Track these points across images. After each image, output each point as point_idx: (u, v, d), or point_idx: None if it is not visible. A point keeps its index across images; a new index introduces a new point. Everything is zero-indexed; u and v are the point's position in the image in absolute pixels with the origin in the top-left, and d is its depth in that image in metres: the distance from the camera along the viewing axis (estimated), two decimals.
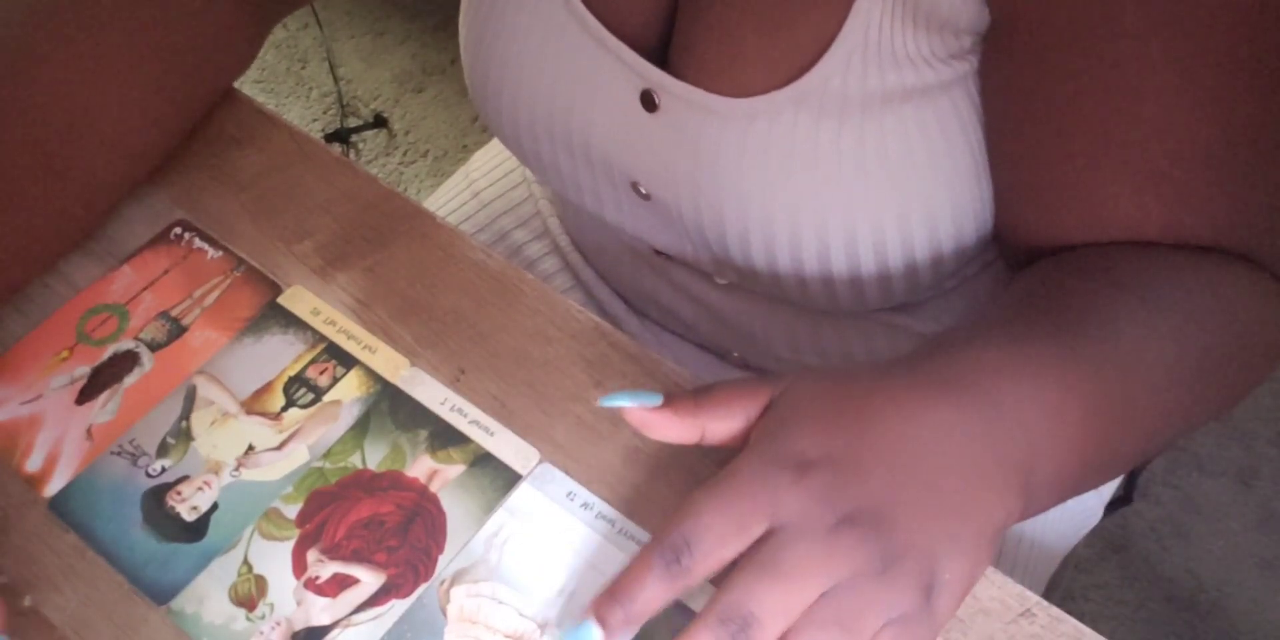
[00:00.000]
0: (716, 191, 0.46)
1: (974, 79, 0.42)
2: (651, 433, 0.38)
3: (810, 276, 0.48)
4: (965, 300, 0.57)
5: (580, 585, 0.40)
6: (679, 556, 0.33)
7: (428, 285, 0.47)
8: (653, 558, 0.33)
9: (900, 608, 0.32)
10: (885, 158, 0.43)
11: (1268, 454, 1.19)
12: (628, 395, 0.37)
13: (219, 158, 0.52)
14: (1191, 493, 1.18)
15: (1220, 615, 1.11)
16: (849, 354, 0.59)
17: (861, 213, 0.45)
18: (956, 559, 0.33)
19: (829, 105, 0.42)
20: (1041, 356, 0.36)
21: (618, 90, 0.47)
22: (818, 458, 0.33)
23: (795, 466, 0.33)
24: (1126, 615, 1.12)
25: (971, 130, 0.44)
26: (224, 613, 0.40)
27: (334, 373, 0.45)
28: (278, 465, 0.43)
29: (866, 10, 0.39)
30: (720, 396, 0.37)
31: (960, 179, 0.44)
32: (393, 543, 0.41)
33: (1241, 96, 0.37)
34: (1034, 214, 0.44)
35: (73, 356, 0.46)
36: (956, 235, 0.47)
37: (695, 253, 0.53)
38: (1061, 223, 0.42)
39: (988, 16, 0.39)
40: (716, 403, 0.37)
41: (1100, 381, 0.36)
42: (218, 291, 0.48)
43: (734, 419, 0.37)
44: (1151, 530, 1.16)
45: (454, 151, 1.52)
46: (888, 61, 0.40)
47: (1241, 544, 1.14)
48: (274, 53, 1.65)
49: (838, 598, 0.31)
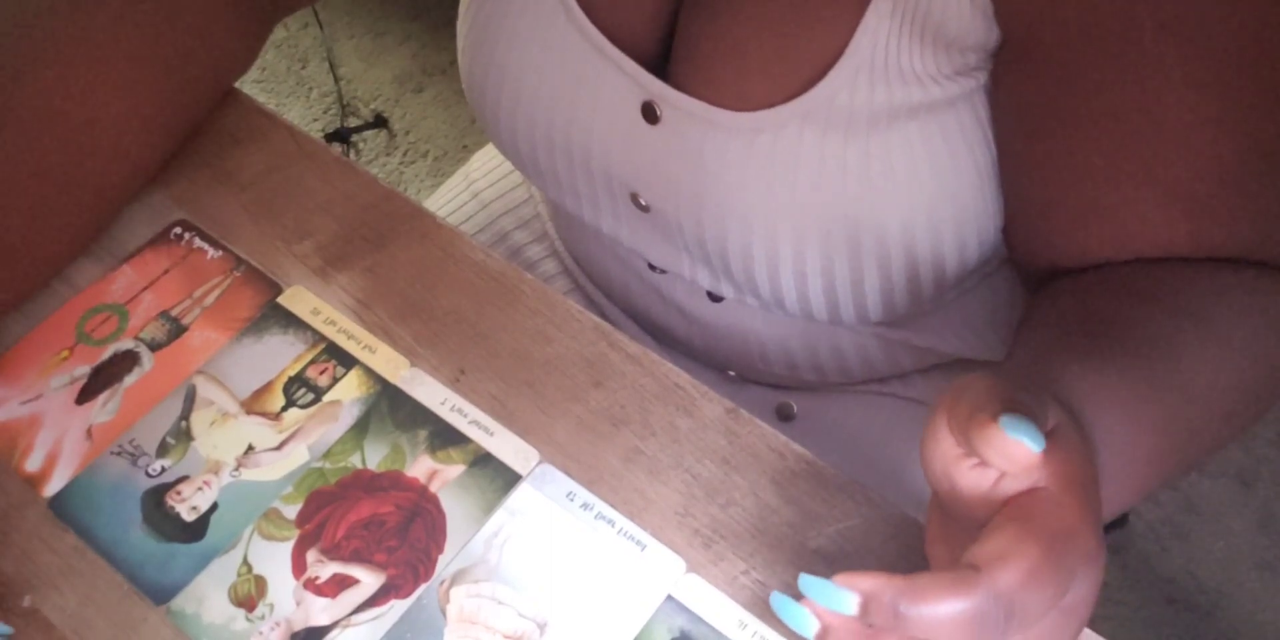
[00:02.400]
0: (718, 205, 0.46)
1: (980, 95, 0.42)
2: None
3: (813, 290, 0.48)
4: (962, 315, 0.57)
5: (580, 586, 0.40)
6: (1008, 618, 0.27)
7: (428, 285, 0.47)
8: (972, 601, 0.27)
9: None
10: (890, 173, 0.43)
11: (1268, 455, 1.19)
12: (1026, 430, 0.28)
13: (219, 157, 0.52)
14: (1191, 494, 1.18)
15: (1220, 616, 1.11)
16: (845, 368, 0.59)
17: (866, 227, 0.44)
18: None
19: (834, 121, 0.42)
20: (1124, 390, 0.35)
21: (618, 101, 0.46)
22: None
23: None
24: (1126, 616, 1.12)
25: (976, 145, 0.43)
26: (223, 613, 0.40)
27: (334, 373, 0.45)
28: (277, 465, 0.43)
29: (874, 28, 0.39)
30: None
31: (964, 194, 0.44)
32: (392, 543, 0.41)
33: (1260, 111, 0.37)
34: (1057, 231, 0.43)
35: (73, 356, 0.46)
36: (960, 249, 0.47)
37: (693, 266, 0.52)
38: (1087, 240, 0.42)
39: (997, 34, 0.39)
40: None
41: (1167, 415, 0.36)
42: (218, 291, 0.48)
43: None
44: (1151, 531, 1.16)
45: (454, 152, 1.52)
46: (894, 78, 0.40)
47: (1241, 545, 1.14)
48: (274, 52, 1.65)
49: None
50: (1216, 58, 0.35)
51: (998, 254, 0.50)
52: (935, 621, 0.27)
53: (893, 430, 0.60)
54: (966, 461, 0.30)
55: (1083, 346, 0.37)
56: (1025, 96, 0.40)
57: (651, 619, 0.39)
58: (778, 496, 0.41)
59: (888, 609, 0.27)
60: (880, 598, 0.27)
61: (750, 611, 0.39)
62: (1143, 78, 0.36)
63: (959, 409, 0.29)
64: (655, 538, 0.41)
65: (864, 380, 0.61)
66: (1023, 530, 0.28)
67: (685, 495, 0.41)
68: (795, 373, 0.59)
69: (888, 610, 0.27)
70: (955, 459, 0.30)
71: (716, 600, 0.39)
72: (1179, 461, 0.38)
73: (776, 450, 0.42)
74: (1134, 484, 0.36)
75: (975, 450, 0.28)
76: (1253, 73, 0.36)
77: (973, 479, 0.30)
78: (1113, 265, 0.42)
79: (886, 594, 0.27)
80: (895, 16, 0.39)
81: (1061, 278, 0.44)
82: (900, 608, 0.27)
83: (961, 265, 0.48)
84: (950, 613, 0.27)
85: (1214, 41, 0.35)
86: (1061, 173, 0.41)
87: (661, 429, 0.43)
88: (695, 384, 0.44)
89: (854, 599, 0.28)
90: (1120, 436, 0.34)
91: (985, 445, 0.28)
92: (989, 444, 0.27)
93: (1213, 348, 0.38)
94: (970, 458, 0.30)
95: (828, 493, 0.41)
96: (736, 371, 0.62)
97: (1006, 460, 0.28)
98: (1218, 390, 0.37)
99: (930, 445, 0.30)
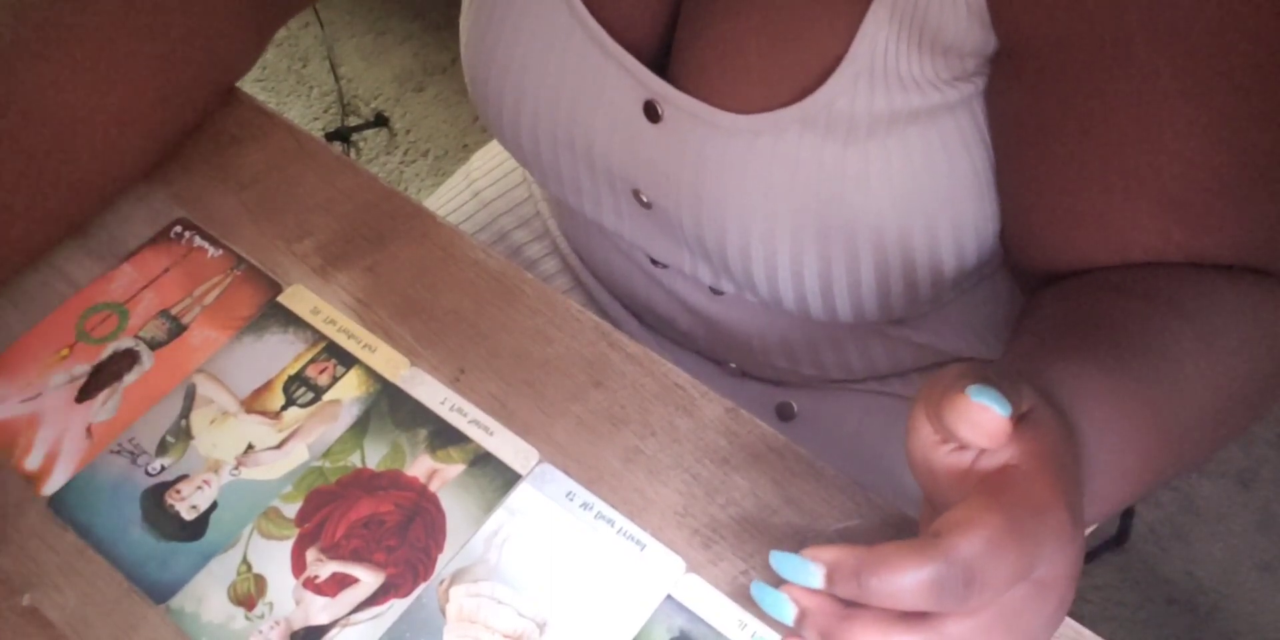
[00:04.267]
0: (718, 204, 0.46)
1: (978, 100, 0.42)
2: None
3: (810, 291, 0.48)
4: (962, 313, 0.57)
5: (580, 585, 0.40)
6: (966, 584, 0.27)
7: (428, 285, 0.47)
8: (931, 567, 0.27)
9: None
10: (889, 177, 0.43)
11: (1267, 456, 1.19)
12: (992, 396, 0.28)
13: (220, 156, 0.52)
14: (1191, 494, 1.18)
15: (1220, 617, 1.11)
16: (846, 364, 0.59)
17: (864, 231, 0.45)
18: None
19: (834, 126, 0.42)
20: (1114, 386, 0.35)
21: (620, 99, 0.46)
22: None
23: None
24: (1126, 617, 1.12)
25: (975, 149, 0.44)
26: (223, 612, 0.40)
27: (334, 372, 0.45)
28: (277, 464, 0.43)
29: (872, 34, 0.39)
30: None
31: (962, 197, 0.44)
32: (392, 542, 0.41)
33: (1253, 121, 0.37)
34: (1053, 237, 0.43)
35: (72, 354, 0.46)
36: (958, 252, 0.47)
37: (693, 262, 0.53)
38: (1082, 246, 0.42)
39: (994, 41, 0.39)
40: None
41: (1158, 410, 0.36)
42: (218, 290, 0.48)
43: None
44: (1151, 532, 1.16)
45: (454, 151, 1.52)
46: (893, 84, 0.40)
47: (1241, 546, 1.14)
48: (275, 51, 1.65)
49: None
50: (1209, 67, 0.35)
51: (996, 256, 0.50)
52: (896, 588, 0.27)
53: (893, 431, 0.60)
54: (944, 447, 0.30)
55: (1073, 344, 0.37)
56: (1020, 103, 0.41)
57: (651, 619, 0.39)
58: (778, 496, 0.41)
59: (851, 578, 0.28)
60: (844, 568, 0.29)
61: (750, 611, 0.39)
62: (1135, 87, 0.37)
63: (933, 393, 0.30)
64: (655, 537, 0.41)
65: (864, 377, 0.61)
66: (987, 500, 0.28)
67: (685, 495, 0.41)
68: (796, 367, 0.60)
69: (851, 579, 0.28)
70: (933, 445, 0.31)
71: (716, 600, 0.39)
72: (1173, 459, 0.38)
73: (776, 450, 0.42)
74: (1127, 479, 0.36)
75: (948, 427, 0.29)
76: (1245, 83, 0.36)
77: (950, 462, 0.30)
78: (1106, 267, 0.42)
79: (849, 563, 0.29)
80: (893, 23, 0.39)
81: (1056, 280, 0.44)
82: (863, 576, 0.28)
83: (959, 268, 0.48)
84: (910, 580, 0.27)
85: (1206, 51, 0.35)
86: (1055, 179, 0.41)
87: (661, 429, 0.43)
88: (695, 384, 0.44)
89: (819, 570, 0.30)
90: (1110, 430, 0.34)
91: (954, 416, 0.28)
92: (958, 415, 0.28)
93: (1203, 347, 0.38)
94: (947, 443, 0.30)
95: (827, 493, 0.41)
96: (737, 364, 0.63)
97: (976, 429, 0.28)
98: (1209, 389, 0.38)
99: (910, 435, 0.31)
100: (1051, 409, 0.31)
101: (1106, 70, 0.37)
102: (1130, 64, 0.36)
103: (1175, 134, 0.37)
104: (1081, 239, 0.42)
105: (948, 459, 0.30)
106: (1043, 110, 0.40)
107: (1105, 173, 0.39)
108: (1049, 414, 0.31)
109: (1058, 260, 0.44)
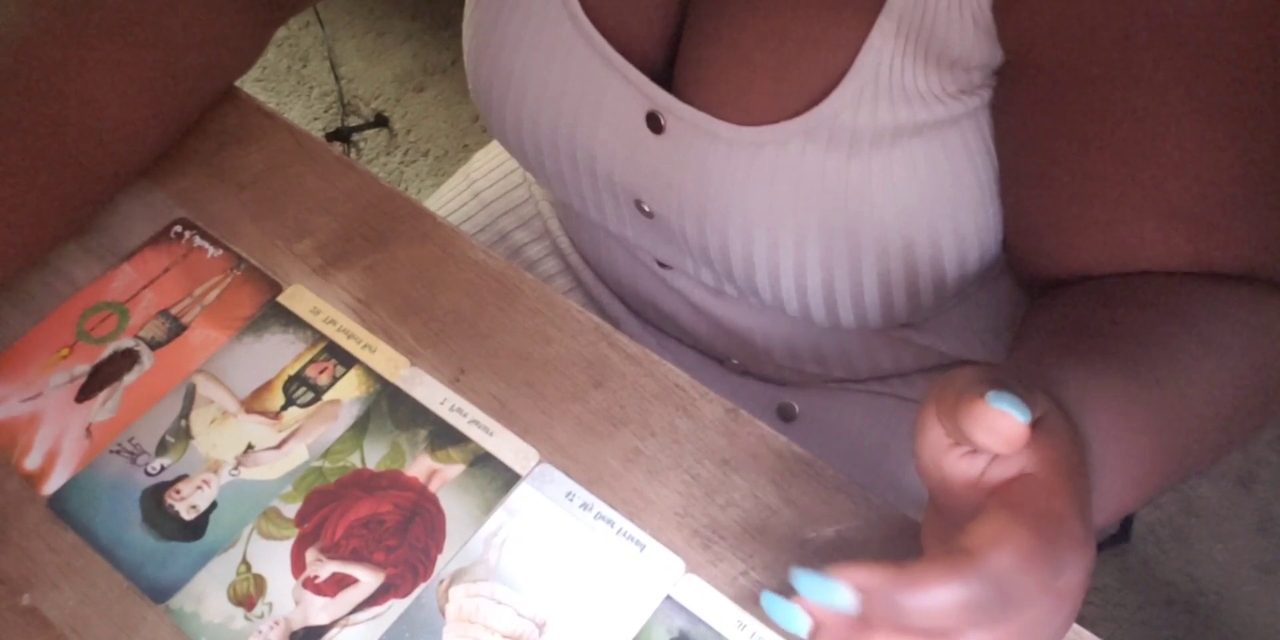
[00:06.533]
0: (721, 215, 0.46)
1: (984, 112, 0.42)
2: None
3: (813, 298, 0.48)
4: (964, 316, 0.57)
5: (579, 586, 0.40)
6: (1004, 603, 0.26)
7: (428, 285, 0.47)
8: (966, 585, 0.26)
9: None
10: (893, 189, 0.43)
11: (1266, 458, 1.19)
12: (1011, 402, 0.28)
13: (220, 156, 0.52)
14: (1190, 496, 1.18)
15: (1219, 618, 1.11)
16: (849, 363, 0.59)
17: (867, 240, 0.45)
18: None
19: (838, 138, 0.42)
20: (1119, 392, 0.35)
21: (623, 110, 0.47)
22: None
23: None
24: (1125, 618, 1.12)
25: (979, 160, 0.44)
26: (222, 612, 0.40)
27: (334, 372, 0.45)
28: (277, 464, 0.43)
29: (878, 47, 0.39)
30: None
31: (965, 208, 0.45)
32: (391, 542, 0.41)
33: (1260, 133, 0.37)
34: (1057, 247, 0.44)
35: (72, 354, 0.46)
36: (960, 260, 0.47)
37: (696, 268, 0.53)
38: (1086, 255, 0.42)
39: (1000, 53, 0.39)
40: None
41: (1163, 415, 0.36)
42: (218, 290, 0.48)
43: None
44: (1150, 533, 1.16)
45: (455, 151, 1.52)
46: (899, 97, 0.40)
47: (1240, 547, 1.14)
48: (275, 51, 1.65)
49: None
50: (1215, 80, 0.35)
51: (998, 262, 0.50)
52: (934, 608, 0.26)
53: (894, 432, 0.61)
54: (955, 450, 0.30)
55: (1078, 349, 0.37)
56: (1026, 115, 0.41)
57: (650, 619, 0.39)
58: (777, 497, 0.41)
59: (885, 600, 0.27)
60: (877, 590, 0.27)
61: (749, 612, 0.39)
62: (1142, 100, 0.37)
63: (946, 395, 0.29)
64: (654, 538, 0.41)
65: (867, 377, 0.61)
66: (1013, 514, 0.28)
67: (684, 496, 0.41)
68: (799, 365, 0.60)
69: (886, 601, 0.27)
70: (944, 448, 0.30)
71: (715, 601, 0.39)
72: (1177, 463, 0.38)
73: (776, 451, 0.42)
74: (1132, 483, 0.36)
75: (963, 431, 0.28)
76: (1252, 95, 0.36)
77: (961, 467, 0.30)
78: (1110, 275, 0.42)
79: (883, 585, 0.27)
80: (899, 36, 0.39)
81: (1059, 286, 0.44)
82: (897, 597, 0.27)
83: (962, 276, 0.48)
84: (948, 599, 0.26)
85: (1213, 64, 0.35)
86: (1062, 191, 0.41)
87: (661, 429, 0.43)
88: (695, 384, 0.44)
89: (850, 594, 0.27)
90: (1116, 436, 0.34)
91: (971, 422, 0.27)
92: (975, 420, 0.27)
93: (1208, 354, 0.38)
94: (959, 447, 0.30)
95: (827, 493, 0.41)
96: (739, 361, 0.63)
97: (993, 435, 0.27)
98: (1214, 396, 0.38)
99: (919, 437, 0.31)
100: (1063, 415, 0.31)
101: (1113, 83, 0.37)
102: (1137, 77, 0.36)
103: (1180, 146, 0.37)
104: (1086, 248, 0.42)
105: (959, 464, 0.30)
106: (1049, 122, 0.40)
107: (1110, 184, 0.39)
108: (1061, 422, 0.31)
109: (1061, 268, 0.44)
